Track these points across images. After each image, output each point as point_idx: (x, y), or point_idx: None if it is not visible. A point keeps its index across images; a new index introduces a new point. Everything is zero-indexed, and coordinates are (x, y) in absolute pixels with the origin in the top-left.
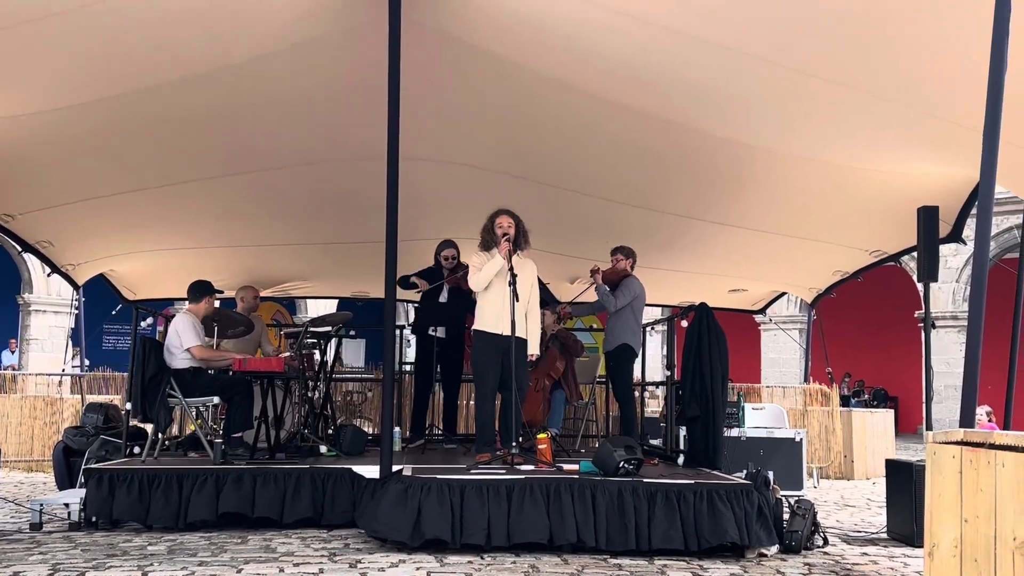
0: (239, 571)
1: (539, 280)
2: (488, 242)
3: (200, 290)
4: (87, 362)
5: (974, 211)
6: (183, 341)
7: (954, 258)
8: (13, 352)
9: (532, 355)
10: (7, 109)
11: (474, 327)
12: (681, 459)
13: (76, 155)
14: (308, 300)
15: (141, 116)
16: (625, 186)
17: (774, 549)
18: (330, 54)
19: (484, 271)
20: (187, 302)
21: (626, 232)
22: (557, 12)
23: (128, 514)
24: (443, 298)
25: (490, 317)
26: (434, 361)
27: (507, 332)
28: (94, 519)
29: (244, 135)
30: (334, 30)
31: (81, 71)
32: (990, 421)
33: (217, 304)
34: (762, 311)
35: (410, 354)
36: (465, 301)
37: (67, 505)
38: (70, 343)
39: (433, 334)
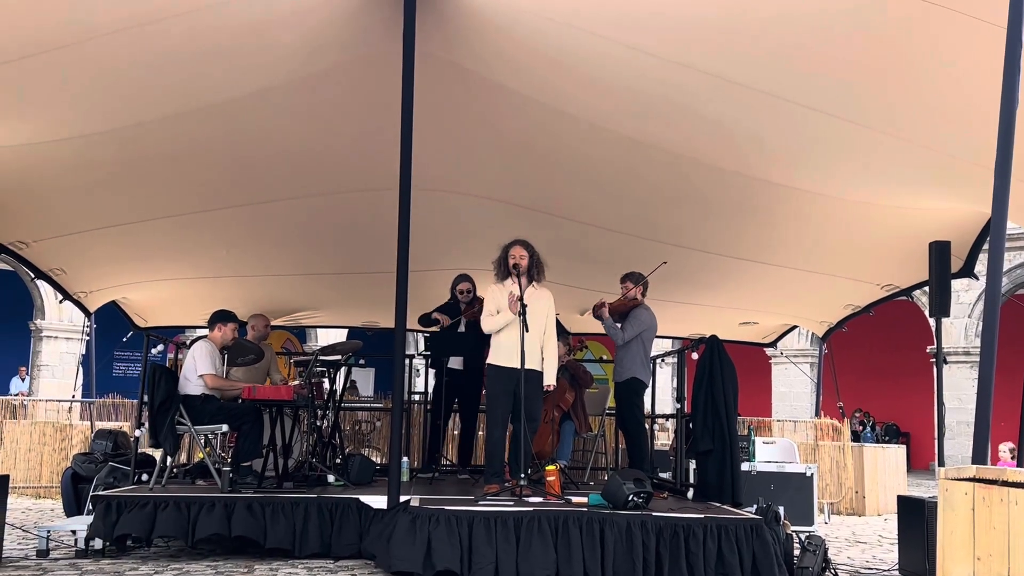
0: None
1: None
2: (503, 273)
3: (214, 318)
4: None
5: (986, 246)
6: (198, 367)
7: (966, 293)
8: (23, 380)
9: (549, 386)
10: (22, 137)
11: (488, 361)
12: (691, 493)
13: (90, 184)
14: (318, 329)
15: (154, 146)
16: (637, 219)
17: None
18: (343, 85)
19: (496, 321)
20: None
21: (637, 264)
22: (572, 47)
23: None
24: (461, 329)
25: (503, 351)
26: (451, 393)
27: (518, 364)
28: (100, 546)
29: (258, 165)
30: (348, 61)
31: (95, 101)
32: (1013, 459)
33: (235, 332)
34: (773, 344)
35: (419, 384)
36: (482, 333)
37: (74, 532)
38: (81, 369)
39: (454, 367)
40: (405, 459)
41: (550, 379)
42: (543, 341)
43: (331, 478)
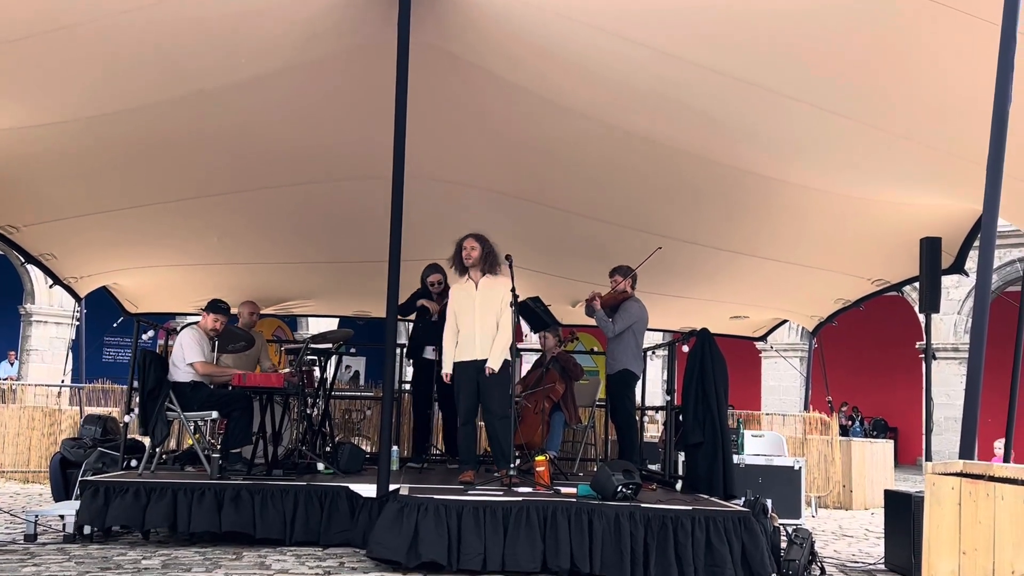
0: None
1: (540, 302)
2: (460, 268)
3: (207, 306)
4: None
5: (977, 243)
6: (186, 355)
7: (956, 290)
8: (12, 364)
9: (490, 370)
10: (13, 121)
11: (454, 360)
12: (679, 485)
13: (81, 169)
14: (309, 318)
15: (147, 132)
16: (629, 210)
17: None
18: (338, 74)
19: (446, 348)
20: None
21: (629, 256)
22: (566, 38)
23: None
24: (435, 319)
25: (461, 347)
26: (429, 382)
27: (477, 357)
28: (88, 531)
29: (250, 153)
30: (342, 49)
31: (88, 86)
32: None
33: (218, 324)
34: (763, 338)
35: (409, 373)
36: None
37: (62, 517)
38: (70, 354)
39: (430, 357)
40: (395, 448)
41: (493, 363)
42: (498, 329)
43: (321, 466)
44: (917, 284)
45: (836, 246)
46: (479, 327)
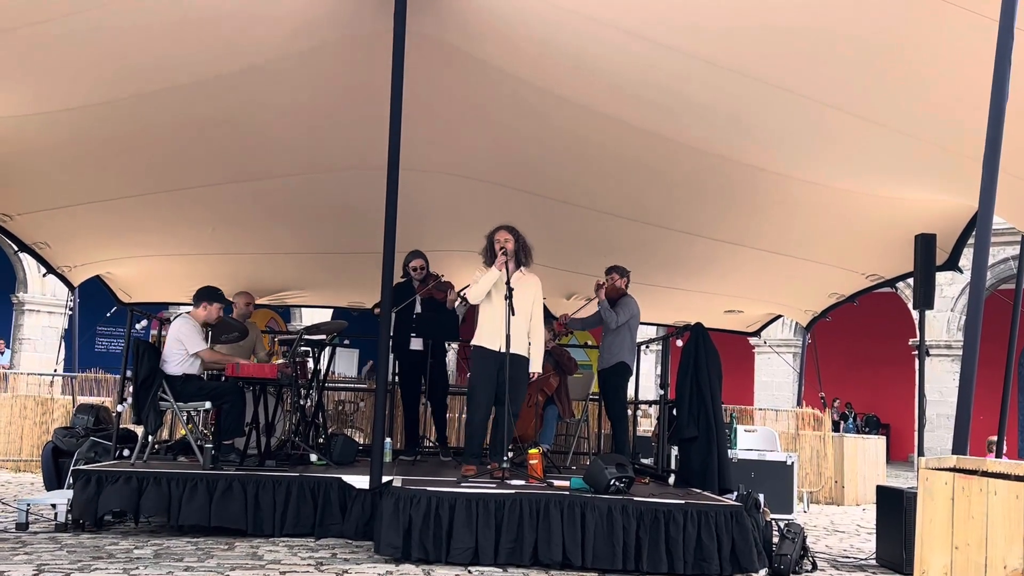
0: None
1: None
2: (490, 259)
3: (200, 295)
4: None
5: (971, 240)
6: (189, 346)
7: (950, 287)
8: (3, 353)
9: (534, 373)
10: (7, 109)
11: (472, 342)
12: (672, 479)
13: (77, 158)
14: (302, 309)
15: (143, 121)
16: (624, 202)
17: (763, 573)
18: (333, 64)
19: (481, 283)
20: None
21: (623, 248)
22: (564, 29)
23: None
24: (417, 310)
25: (487, 332)
26: (416, 374)
27: (503, 348)
28: (80, 520)
29: (245, 143)
30: (338, 40)
31: (84, 74)
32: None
33: (220, 312)
34: (757, 333)
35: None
36: (440, 312)
37: (54, 506)
38: (63, 344)
39: (415, 348)
40: (388, 440)
41: (536, 366)
42: (529, 326)
43: (313, 457)
44: (911, 280)
45: (831, 240)
46: (507, 318)
